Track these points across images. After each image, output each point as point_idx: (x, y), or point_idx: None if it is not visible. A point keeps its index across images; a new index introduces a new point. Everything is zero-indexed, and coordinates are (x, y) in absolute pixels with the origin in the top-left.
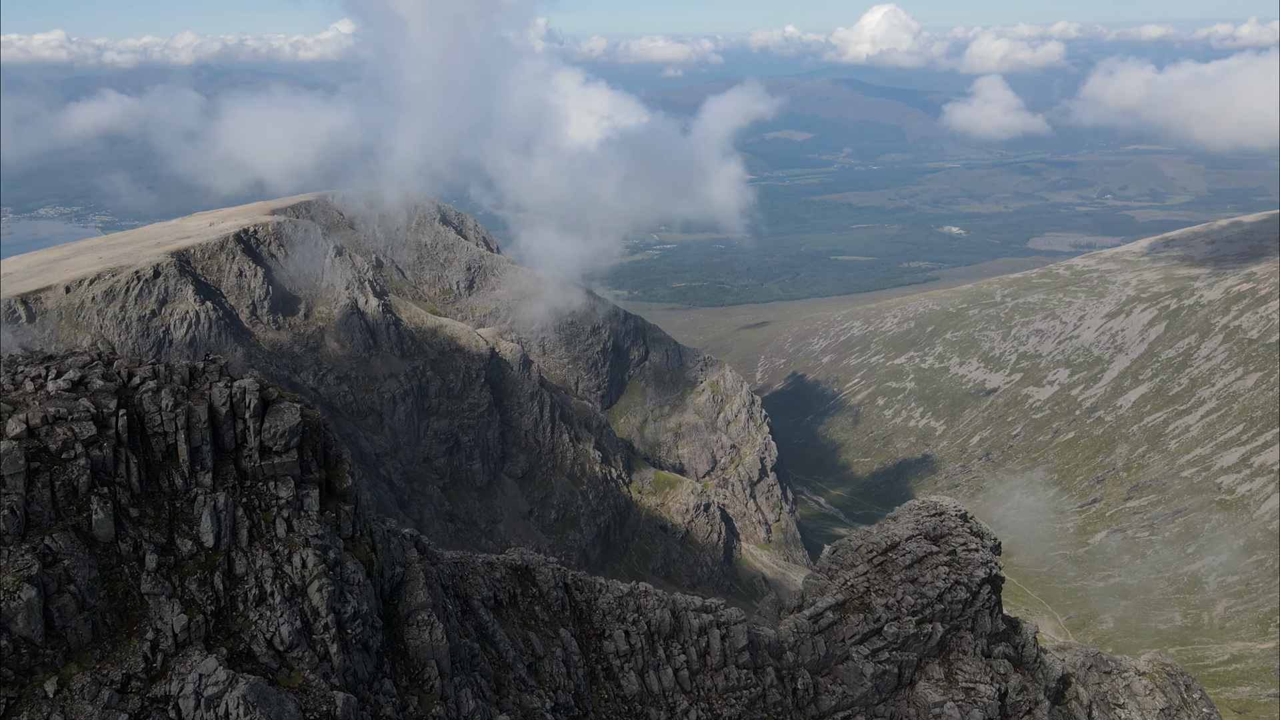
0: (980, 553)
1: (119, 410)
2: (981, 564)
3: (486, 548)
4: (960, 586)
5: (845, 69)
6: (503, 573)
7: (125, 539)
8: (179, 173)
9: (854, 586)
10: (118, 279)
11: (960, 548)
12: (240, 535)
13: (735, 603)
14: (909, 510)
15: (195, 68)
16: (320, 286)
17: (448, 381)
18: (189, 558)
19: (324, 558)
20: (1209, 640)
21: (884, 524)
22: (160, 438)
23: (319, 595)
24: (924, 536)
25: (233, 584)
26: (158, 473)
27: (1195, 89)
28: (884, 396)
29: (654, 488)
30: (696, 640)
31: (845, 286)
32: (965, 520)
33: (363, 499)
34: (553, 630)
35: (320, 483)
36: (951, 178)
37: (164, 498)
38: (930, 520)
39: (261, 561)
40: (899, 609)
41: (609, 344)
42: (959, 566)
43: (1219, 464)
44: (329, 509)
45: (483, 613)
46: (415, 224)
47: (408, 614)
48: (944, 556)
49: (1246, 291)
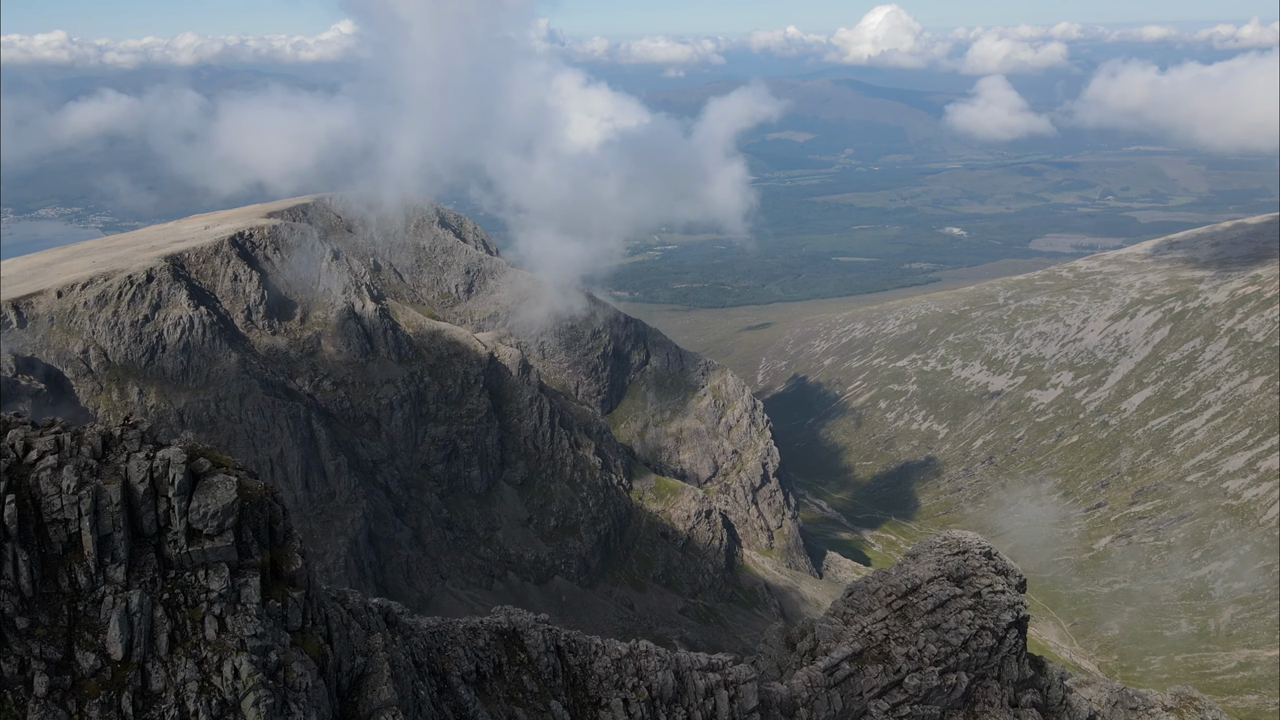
0: (1006, 594)
1: (6, 495)
2: (1008, 606)
3: (485, 556)
4: (986, 632)
5: (847, 70)
6: (487, 639)
7: (9, 658)
8: (179, 174)
9: (872, 634)
10: (110, 283)
11: (985, 589)
12: (159, 642)
13: (736, 610)
14: (930, 548)
15: (196, 68)
16: (317, 290)
17: (446, 387)
18: (91, 675)
19: (263, 663)
20: (1216, 648)
21: (904, 564)
22: (60, 526)
23: (256, 711)
24: (947, 578)
25: (147, 704)
26: (55, 569)
27: (1199, 90)
28: (886, 399)
29: (655, 494)
30: (703, 704)
31: (847, 288)
32: (990, 558)
33: (316, 581)
34: (543, 703)
35: (263, 567)
36: (953, 179)
37: (62, 600)
38: (953, 559)
39: (185, 673)
40: (921, 659)
41: (609, 348)
42: (985, 610)
43: (1225, 469)
44: (274, 597)
45: (462, 691)
46: (413, 227)
47: (369, 714)
48: (968, 600)
49: (1252, 294)
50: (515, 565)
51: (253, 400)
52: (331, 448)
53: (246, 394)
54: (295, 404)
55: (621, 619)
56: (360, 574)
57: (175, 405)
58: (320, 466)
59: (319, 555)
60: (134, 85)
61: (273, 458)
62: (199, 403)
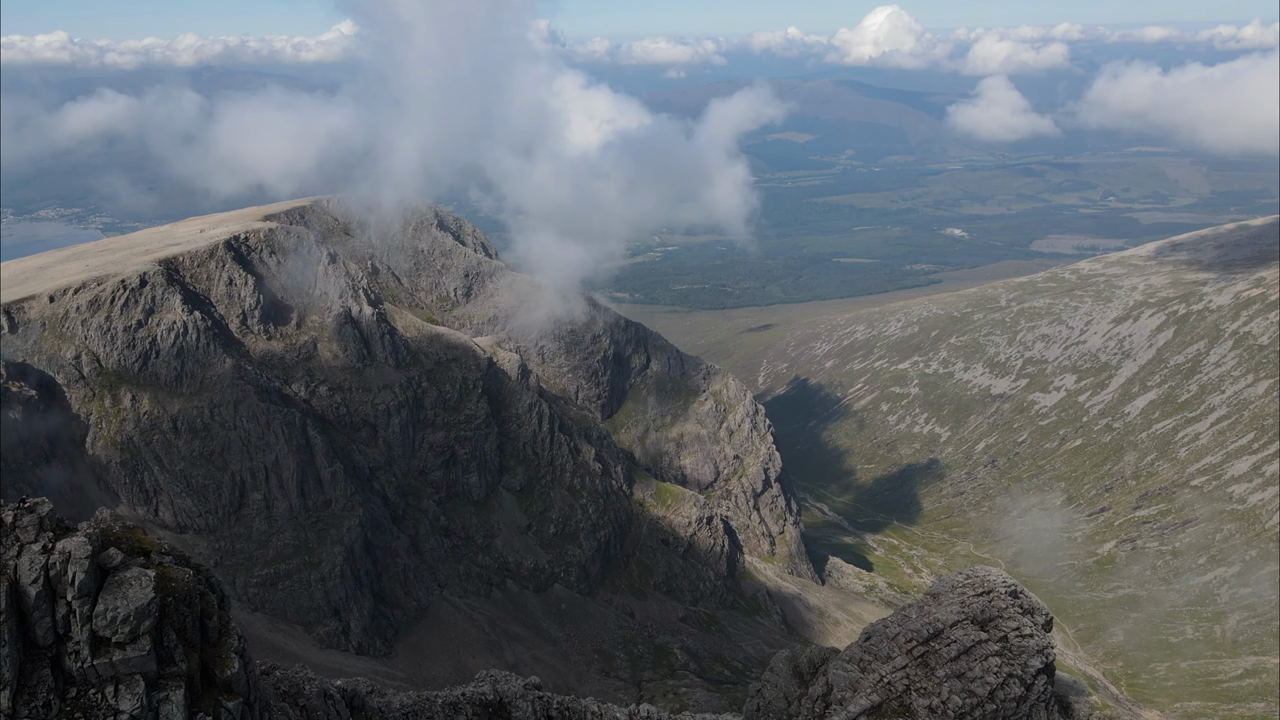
0: (1035, 637)
1: None
2: (1037, 651)
3: (483, 564)
4: (1014, 680)
5: (848, 70)
6: (470, 713)
7: None
8: (178, 175)
9: (891, 684)
10: (103, 288)
11: (1013, 633)
12: None
13: (738, 618)
14: (952, 589)
15: (197, 69)
16: (313, 294)
17: (444, 392)
18: None
19: None
20: (1222, 655)
21: (924, 606)
22: None
23: None
24: (971, 621)
25: None
26: None
27: (1202, 92)
28: (888, 402)
29: (656, 500)
30: None
31: (848, 289)
32: (1015, 596)
33: (258, 683)
34: None
35: (190, 674)
36: (954, 180)
37: None
38: (977, 600)
39: None
40: (945, 711)
41: (610, 352)
42: (1012, 656)
43: (1230, 473)
44: (205, 709)
45: None
46: (412, 229)
47: None
48: (994, 645)
49: (1256, 297)
50: (514, 573)
51: (247, 406)
52: (327, 454)
53: (241, 400)
54: (291, 410)
55: (622, 628)
56: (357, 583)
57: (169, 412)
58: (316, 474)
59: (314, 565)
60: (134, 86)
61: (267, 465)
62: (193, 409)
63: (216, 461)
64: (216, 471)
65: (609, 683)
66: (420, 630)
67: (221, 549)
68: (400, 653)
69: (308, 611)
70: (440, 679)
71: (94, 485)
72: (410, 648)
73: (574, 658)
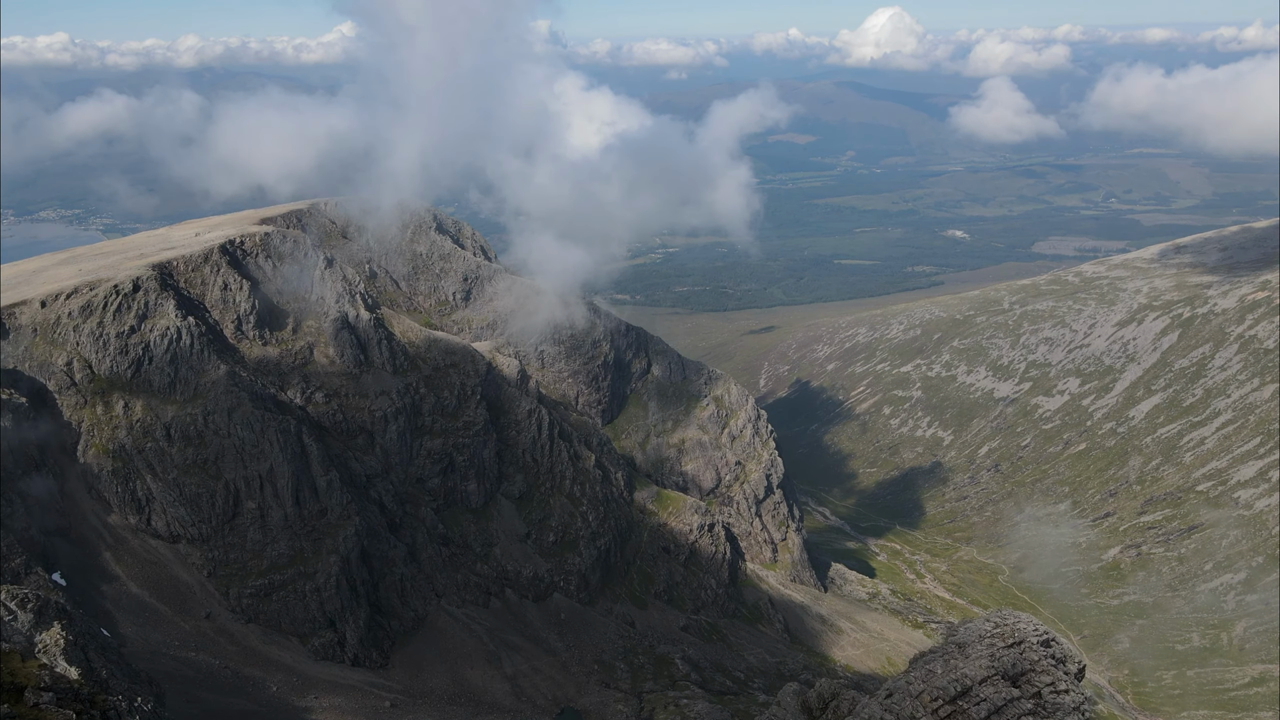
0: (1071, 694)
1: None
2: (1073, 709)
3: (482, 573)
4: None
5: (849, 72)
6: None
7: None
8: (178, 176)
9: None
10: (95, 293)
11: (1047, 689)
12: None
13: (740, 627)
14: (979, 638)
15: (198, 70)
16: (310, 299)
17: (442, 399)
18: None
19: None
20: (1228, 662)
21: (949, 658)
22: None
23: None
24: (1001, 677)
25: None
26: None
27: (1205, 94)
28: (890, 405)
29: (657, 507)
30: None
31: (849, 291)
32: (1047, 646)
33: None
34: None
35: None
36: (955, 181)
37: None
38: (1007, 653)
39: None
40: None
41: (610, 356)
42: (1047, 715)
43: (1235, 478)
44: None
45: None
46: (410, 233)
47: None
48: (1028, 703)
49: (1261, 300)
50: (513, 582)
51: (242, 414)
52: (323, 462)
53: (235, 407)
54: (286, 417)
55: (622, 637)
56: (353, 593)
57: (162, 419)
58: (311, 482)
59: (310, 574)
60: (135, 88)
61: (262, 473)
62: (186, 416)
63: (210, 470)
64: (210, 480)
65: (609, 694)
66: (417, 641)
67: (215, 559)
68: (397, 664)
69: (303, 622)
70: (437, 690)
71: (85, 494)
72: (407, 659)
73: (574, 668)
